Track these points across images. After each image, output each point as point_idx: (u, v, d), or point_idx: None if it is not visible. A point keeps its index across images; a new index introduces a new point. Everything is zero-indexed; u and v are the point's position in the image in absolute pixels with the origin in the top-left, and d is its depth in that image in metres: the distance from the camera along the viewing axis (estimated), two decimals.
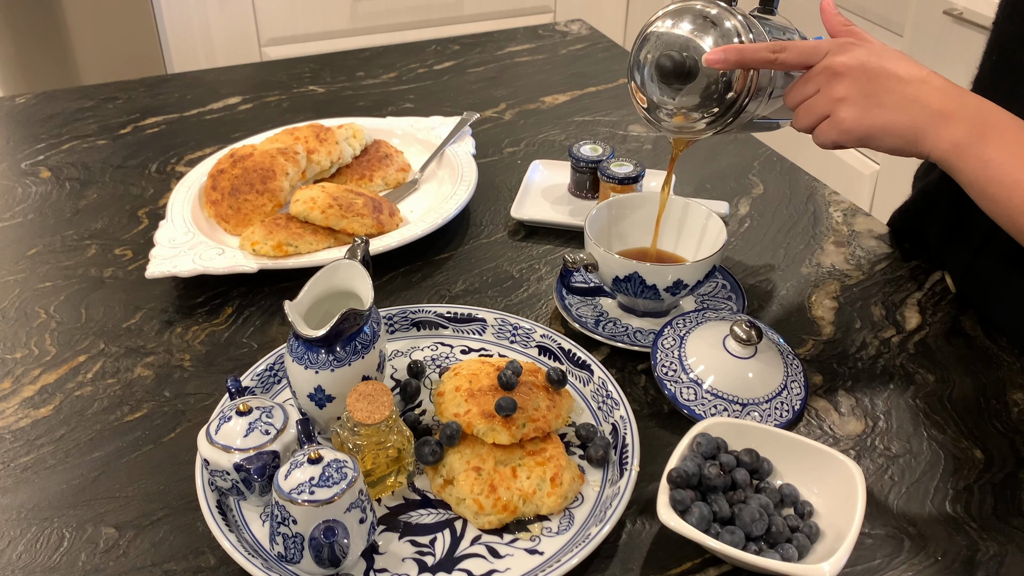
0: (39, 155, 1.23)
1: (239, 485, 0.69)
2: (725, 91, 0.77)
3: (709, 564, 0.69)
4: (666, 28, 0.79)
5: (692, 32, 0.78)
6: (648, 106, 0.82)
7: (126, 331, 0.92)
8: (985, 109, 0.73)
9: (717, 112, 0.79)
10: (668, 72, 0.78)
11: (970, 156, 0.72)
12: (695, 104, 0.79)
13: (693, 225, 0.94)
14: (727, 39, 0.77)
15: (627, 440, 0.75)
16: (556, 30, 1.66)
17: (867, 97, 0.74)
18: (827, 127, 0.76)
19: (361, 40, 2.57)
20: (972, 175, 0.73)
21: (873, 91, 0.74)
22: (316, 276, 0.77)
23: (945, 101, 0.73)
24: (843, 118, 0.75)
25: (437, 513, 0.72)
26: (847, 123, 0.75)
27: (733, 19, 0.77)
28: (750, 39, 0.76)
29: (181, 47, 2.40)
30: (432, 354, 0.87)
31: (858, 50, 0.76)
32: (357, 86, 1.44)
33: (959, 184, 0.75)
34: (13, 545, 0.70)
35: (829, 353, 0.89)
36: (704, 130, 0.81)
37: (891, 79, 0.74)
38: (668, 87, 0.79)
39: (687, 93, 0.79)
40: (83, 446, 0.79)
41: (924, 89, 0.74)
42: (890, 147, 0.75)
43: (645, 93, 0.81)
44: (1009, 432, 0.80)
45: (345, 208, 0.99)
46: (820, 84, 0.76)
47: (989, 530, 0.71)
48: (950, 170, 0.74)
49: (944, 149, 0.73)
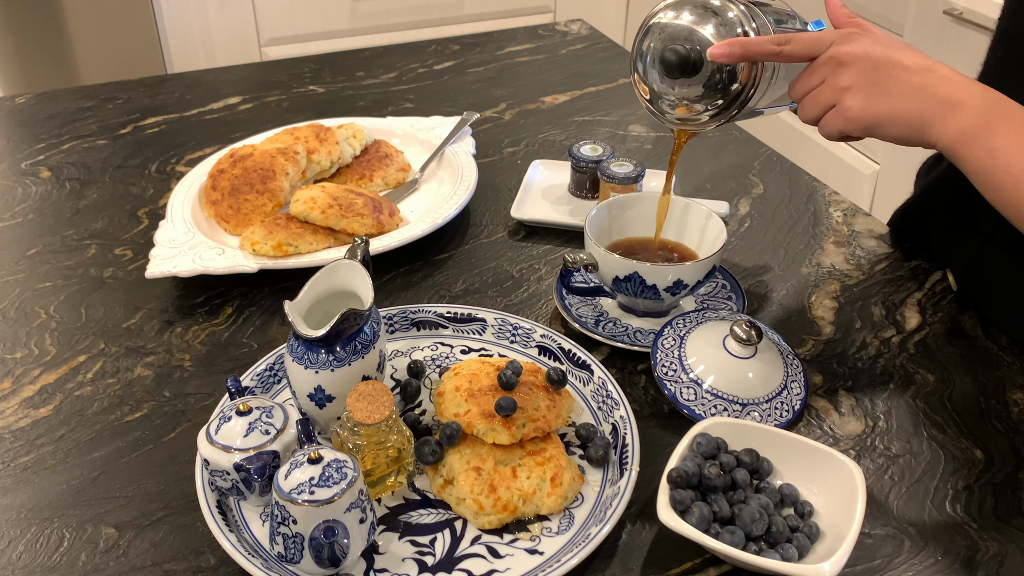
0: (39, 155, 1.23)
1: (239, 485, 0.69)
2: (730, 83, 0.77)
3: (709, 564, 0.69)
4: (669, 19, 0.79)
5: (695, 23, 0.78)
6: (651, 97, 0.82)
7: (126, 331, 0.92)
8: (992, 98, 0.73)
9: (722, 104, 0.79)
10: (673, 66, 0.78)
11: (977, 145, 0.72)
12: (699, 96, 0.79)
13: (693, 225, 0.94)
14: (730, 30, 0.77)
15: (627, 440, 0.75)
16: (556, 30, 1.66)
17: (873, 86, 0.74)
18: (833, 116, 0.76)
19: (361, 40, 2.57)
20: (978, 164, 0.73)
21: (879, 80, 0.74)
22: (316, 276, 0.77)
23: (952, 89, 0.73)
24: (849, 107, 0.74)
25: (437, 513, 0.72)
26: (853, 112, 0.74)
27: (735, 8, 0.77)
28: (753, 28, 0.76)
29: (181, 47, 2.40)
30: (432, 354, 0.87)
31: (863, 40, 0.75)
32: (357, 86, 1.44)
33: (965, 173, 0.75)
34: (13, 545, 0.70)
35: (829, 353, 0.89)
36: (708, 122, 0.81)
37: (897, 68, 0.74)
38: (672, 80, 0.79)
39: (691, 85, 0.79)
40: (83, 446, 0.79)
41: (930, 78, 0.74)
42: (896, 136, 0.75)
43: (648, 84, 0.81)
44: (1009, 432, 0.80)
45: (345, 208, 0.99)
46: (825, 74, 0.76)
47: (989, 530, 0.71)
48: (956, 159, 0.74)
49: (950, 137, 0.73)
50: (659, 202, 0.92)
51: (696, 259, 0.90)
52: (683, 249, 0.94)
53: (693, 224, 0.94)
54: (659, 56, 0.79)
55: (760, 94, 0.79)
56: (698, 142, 1.28)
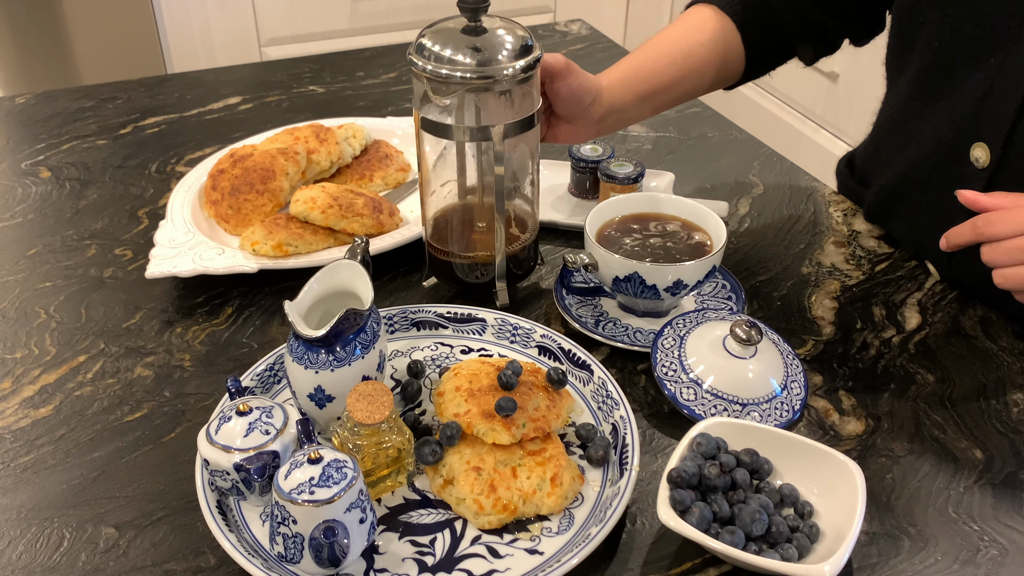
0: (39, 155, 1.23)
1: (239, 485, 0.69)
2: None
3: (709, 564, 0.69)
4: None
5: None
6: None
7: (126, 331, 0.92)
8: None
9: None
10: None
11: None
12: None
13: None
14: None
15: (627, 440, 0.75)
16: (556, 30, 1.66)
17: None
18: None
19: (361, 40, 2.57)
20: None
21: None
22: (316, 276, 0.77)
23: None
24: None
25: (437, 513, 0.72)
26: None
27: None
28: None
29: (181, 47, 2.40)
30: (432, 354, 0.87)
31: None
32: (357, 86, 1.44)
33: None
34: (13, 545, 0.70)
35: (829, 353, 0.89)
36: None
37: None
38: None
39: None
40: (83, 446, 0.79)
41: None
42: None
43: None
44: (1009, 432, 0.80)
45: (345, 208, 0.99)
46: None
47: (989, 530, 0.71)
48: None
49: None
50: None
51: (696, 259, 0.90)
52: (693, 225, 0.94)
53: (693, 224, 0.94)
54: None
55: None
56: (698, 142, 1.28)
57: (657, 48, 1.03)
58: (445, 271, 0.93)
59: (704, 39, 1.03)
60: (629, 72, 1.00)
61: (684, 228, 0.93)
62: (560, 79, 0.91)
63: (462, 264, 0.92)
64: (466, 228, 0.95)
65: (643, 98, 1.01)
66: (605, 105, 0.97)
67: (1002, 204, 0.81)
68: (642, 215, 0.94)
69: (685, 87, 1.04)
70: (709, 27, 1.04)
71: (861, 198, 1.11)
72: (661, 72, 1.01)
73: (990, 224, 0.80)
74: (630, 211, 0.95)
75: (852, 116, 2.25)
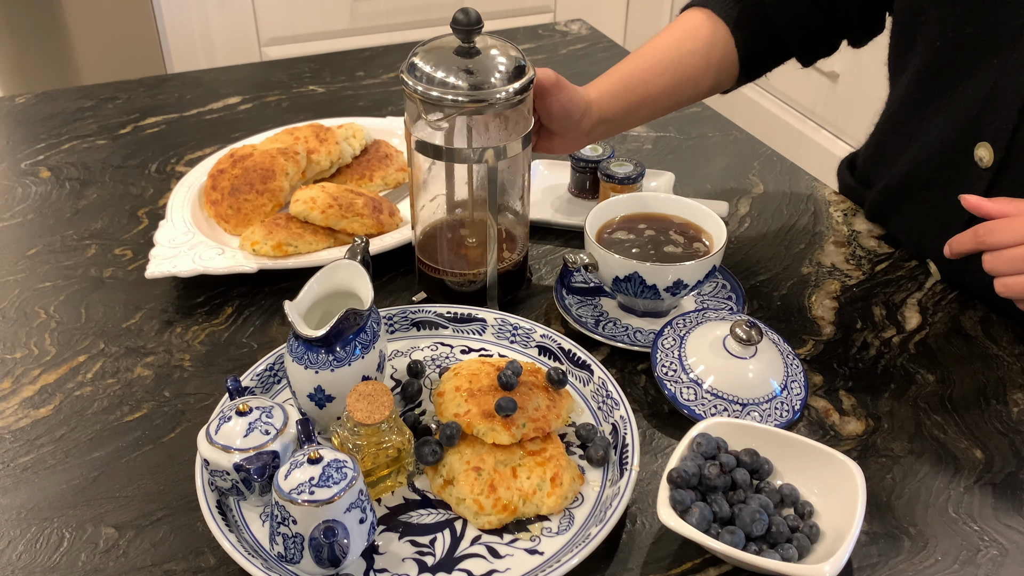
0: (39, 155, 1.23)
1: (239, 485, 0.69)
2: None
3: (709, 564, 0.69)
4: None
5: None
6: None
7: (126, 331, 0.92)
8: None
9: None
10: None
11: None
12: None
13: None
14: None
15: (627, 440, 0.75)
16: (556, 30, 1.66)
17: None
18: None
19: (361, 40, 2.57)
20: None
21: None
22: (316, 276, 0.77)
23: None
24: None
25: (437, 513, 0.72)
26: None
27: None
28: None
29: (181, 47, 2.40)
30: (432, 354, 0.87)
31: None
32: (357, 86, 1.44)
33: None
34: (13, 545, 0.70)
35: (829, 353, 0.89)
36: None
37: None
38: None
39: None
40: (83, 446, 0.79)
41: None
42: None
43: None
44: (1009, 432, 0.80)
45: (345, 208, 0.99)
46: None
47: (989, 530, 0.71)
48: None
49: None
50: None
51: (696, 259, 0.90)
52: (693, 225, 0.94)
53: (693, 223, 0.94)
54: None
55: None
56: (698, 142, 1.28)
57: (648, 58, 1.02)
58: (435, 286, 0.93)
59: (696, 47, 1.02)
60: (618, 83, 0.99)
61: (684, 228, 0.93)
62: (550, 95, 0.91)
63: (452, 280, 0.92)
64: (456, 244, 0.95)
65: (633, 108, 1.00)
66: (595, 117, 0.96)
67: (1005, 211, 0.81)
68: (642, 215, 0.95)
69: (677, 97, 1.03)
70: (702, 34, 1.03)
71: (862, 198, 1.11)
72: (652, 82, 1.00)
73: (991, 233, 0.79)
74: (630, 211, 0.95)
75: (852, 116, 2.25)
